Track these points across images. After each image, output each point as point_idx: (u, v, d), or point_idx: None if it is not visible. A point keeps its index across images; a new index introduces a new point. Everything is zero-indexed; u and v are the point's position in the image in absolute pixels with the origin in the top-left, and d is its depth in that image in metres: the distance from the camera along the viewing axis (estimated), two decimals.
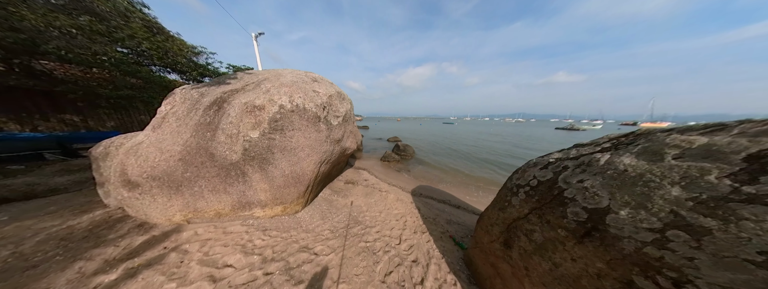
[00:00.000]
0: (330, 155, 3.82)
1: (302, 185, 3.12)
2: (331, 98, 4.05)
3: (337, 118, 4.18)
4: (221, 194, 2.47)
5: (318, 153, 3.31)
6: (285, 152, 2.81)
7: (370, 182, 5.75)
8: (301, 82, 3.49)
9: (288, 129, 2.82)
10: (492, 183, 6.58)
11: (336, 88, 4.57)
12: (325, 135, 3.52)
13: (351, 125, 5.14)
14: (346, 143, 4.73)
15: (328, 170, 4.39)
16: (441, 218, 3.89)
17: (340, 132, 4.16)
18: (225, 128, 2.38)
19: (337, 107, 4.23)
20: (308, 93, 3.36)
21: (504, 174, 7.69)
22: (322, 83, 4.16)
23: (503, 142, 16.67)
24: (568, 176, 1.40)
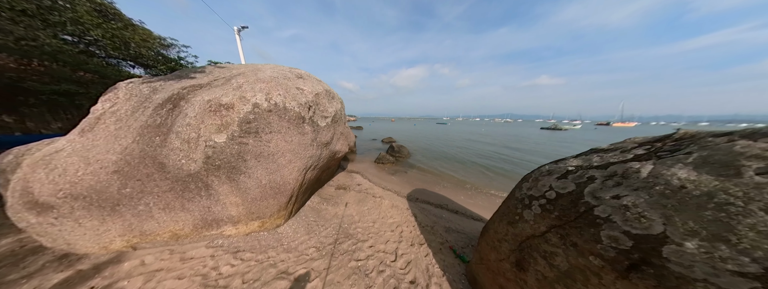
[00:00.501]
0: (317, 160, 3.43)
1: (283, 195, 2.71)
2: (319, 97, 3.66)
3: (326, 118, 3.80)
4: (178, 211, 2.01)
5: (302, 158, 2.92)
6: (261, 159, 2.40)
7: (364, 187, 5.40)
8: (283, 78, 3.08)
9: (265, 131, 2.41)
10: (489, 186, 6.49)
11: (324, 86, 4.18)
12: (311, 138, 3.13)
13: (342, 126, 4.76)
14: (336, 146, 4.35)
15: (317, 176, 3.99)
16: (439, 226, 3.64)
17: (328, 134, 3.78)
18: (180, 131, 1.93)
19: (326, 107, 3.85)
20: (290, 90, 2.96)
21: (499, 176, 7.66)
22: (309, 80, 3.76)
23: (494, 143, 16.99)
24: (597, 189, 1.16)
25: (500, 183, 6.64)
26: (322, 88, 3.91)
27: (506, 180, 6.98)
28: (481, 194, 5.73)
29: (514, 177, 7.23)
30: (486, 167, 8.61)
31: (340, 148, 4.70)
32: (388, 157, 8.82)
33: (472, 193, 5.74)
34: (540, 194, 1.50)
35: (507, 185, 6.43)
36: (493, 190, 6.04)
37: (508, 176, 7.37)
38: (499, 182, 6.82)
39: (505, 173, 7.88)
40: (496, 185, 6.43)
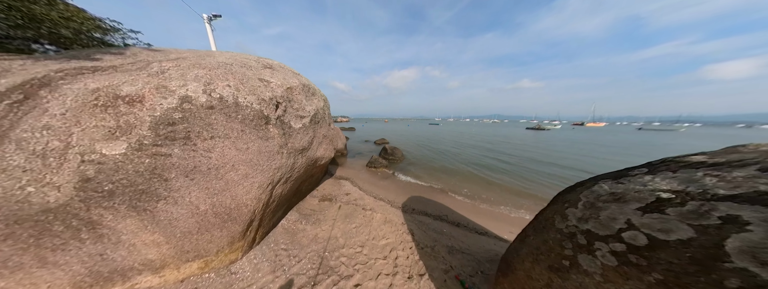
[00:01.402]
0: (290, 171, 2.73)
1: (238, 222, 2.00)
2: (292, 92, 2.97)
3: (302, 119, 3.11)
4: (32, 269, 1.24)
5: (266, 171, 2.22)
6: (197, 176, 1.68)
7: (353, 197, 4.73)
8: (239, 66, 2.37)
9: (202, 137, 1.70)
10: (488, 190, 6.10)
11: (301, 80, 3.49)
12: (279, 144, 2.44)
13: (325, 128, 4.08)
14: (317, 152, 3.66)
15: (294, 189, 3.27)
16: (440, 245, 3.08)
17: (305, 138, 3.10)
18: (26, 139, 1.18)
19: (302, 105, 3.17)
20: (248, 82, 2.25)
21: (500, 177, 7.33)
22: (279, 72, 3.06)
23: (488, 144, 17.04)
24: (762, 247, 0.63)
25: (501, 188, 6.28)
26: (297, 82, 3.23)
27: (507, 184, 6.66)
28: (482, 200, 5.30)
29: (516, 180, 6.95)
30: (484, 170, 8.29)
31: (324, 153, 4.01)
32: (380, 160, 8.22)
33: (473, 199, 5.30)
34: (610, 234, 0.97)
35: (508, 190, 6.09)
36: (493, 195, 5.65)
37: (508, 180, 7.07)
38: (500, 186, 6.47)
39: (505, 175, 7.58)
40: (497, 190, 6.06)
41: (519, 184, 6.57)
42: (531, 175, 7.57)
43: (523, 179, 7.13)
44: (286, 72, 3.29)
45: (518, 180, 6.93)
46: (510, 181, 6.85)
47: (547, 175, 7.60)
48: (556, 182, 6.87)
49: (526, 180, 6.98)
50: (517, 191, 5.93)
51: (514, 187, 6.30)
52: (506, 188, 6.17)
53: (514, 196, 5.55)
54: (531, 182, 6.73)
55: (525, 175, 7.59)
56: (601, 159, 10.91)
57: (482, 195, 5.60)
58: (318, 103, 3.83)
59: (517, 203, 5.13)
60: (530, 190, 6.05)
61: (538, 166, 8.82)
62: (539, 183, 6.69)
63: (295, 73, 3.53)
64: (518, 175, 7.56)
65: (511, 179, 7.01)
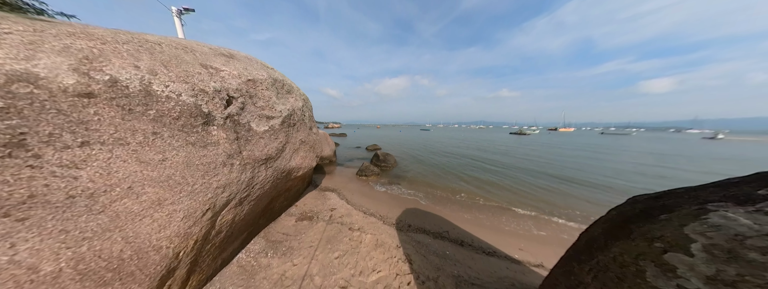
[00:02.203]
0: (245, 189, 2.03)
1: (142, 279, 1.25)
2: (256, 86, 2.36)
3: (269, 120, 2.47)
4: None
5: (200, 192, 1.53)
6: (38, 211, 0.97)
7: (338, 213, 4.01)
8: (172, 47, 1.73)
9: (60, 143, 1.02)
10: (487, 198, 5.68)
11: (272, 74, 2.88)
12: (227, 152, 1.77)
13: (304, 132, 3.44)
14: (291, 161, 2.98)
15: (255, 211, 2.52)
16: (446, 275, 2.46)
17: (272, 145, 2.44)
18: None
19: (270, 103, 2.54)
20: (180, 65, 1.62)
21: (492, 185, 6.99)
22: (241, 62, 2.44)
23: (478, 148, 17.20)
24: None
25: (500, 196, 5.90)
26: (264, 75, 2.62)
27: (506, 191, 6.30)
28: (481, 210, 4.83)
29: (515, 184, 6.62)
30: (480, 175, 7.97)
31: (301, 163, 3.33)
32: (372, 167, 7.57)
33: (472, 210, 4.80)
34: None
35: (508, 198, 5.71)
36: (493, 204, 5.23)
37: (507, 184, 6.75)
38: (499, 194, 6.09)
39: (501, 179, 7.28)
40: (496, 198, 5.66)
41: (518, 189, 6.26)
42: (528, 178, 7.37)
43: (521, 182, 6.87)
44: (252, 63, 2.68)
45: (516, 184, 6.64)
46: (509, 185, 6.53)
47: (546, 177, 7.45)
48: (558, 185, 6.67)
49: (524, 184, 6.71)
50: (517, 199, 5.57)
51: (513, 193, 5.95)
52: (505, 195, 5.80)
53: (516, 204, 5.17)
54: (530, 186, 6.46)
55: (522, 178, 7.37)
56: (592, 159, 11.24)
57: (481, 204, 5.15)
58: (295, 102, 3.22)
59: (518, 212, 4.73)
60: (531, 195, 5.73)
61: (534, 167, 8.74)
62: (539, 187, 6.44)
63: (264, 66, 2.93)
64: (515, 178, 7.31)
65: (510, 183, 6.70)
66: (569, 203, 5.22)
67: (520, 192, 5.99)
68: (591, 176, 7.76)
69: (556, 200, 5.39)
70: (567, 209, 4.86)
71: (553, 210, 4.79)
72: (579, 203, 5.20)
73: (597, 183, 6.94)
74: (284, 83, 3.12)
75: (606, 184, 6.89)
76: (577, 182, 7.04)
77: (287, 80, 3.30)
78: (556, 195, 5.81)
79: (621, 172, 8.68)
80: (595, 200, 5.45)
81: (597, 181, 7.21)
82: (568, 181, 7.09)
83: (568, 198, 5.57)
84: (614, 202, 5.12)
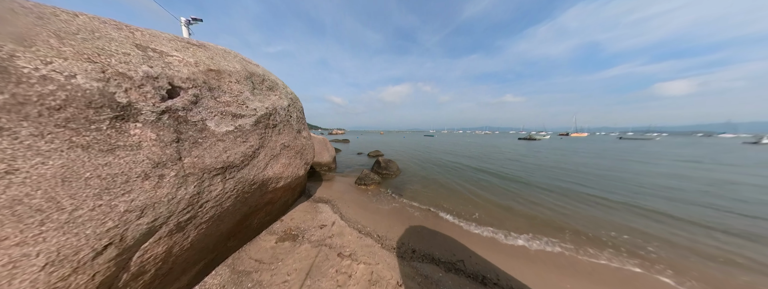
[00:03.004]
0: (184, 210, 1.48)
1: None
2: (221, 78, 1.90)
3: (237, 119, 1.99)
4: None
5: (85, 224, 0.99)
6: None
7: (329, 232, 3.36)
8: (80, 17, 1.31)
9: None
10: (505, 211, 4.85)
11: (250, 68, 2.44)
12: (153, 158, 1.26)
13: (287, 136, 2.94)
14: (267, 170, 2.44)
15: (213, 235, 1.95)
16: None
17: (236, 149, 1.92)
18: None
19: (241, 99, 2.07)
20: (91, 41, 1.17)
21: (509, 196, 6.12)
22: (207, 51, 2.03)
23: (487, 154, 16.20)
24: None
25: (518, 211, 5.04)
26: (237, 68, 2.18)
27: (526, 203, 5.42)
28: (500, 227, 4.01)
29: (533, 199, 5.75)
30: (495, 186, 7.10)
31: (281, 172, 2.78)
32: (372, 175, 6.93)
33: (489, 228, 4.00)
34: None
35: (530, 215, 4.85)
36: (513, 219, 4.38)
37: (526, 194, 5.87)
38: (517, 208, 5.23)
39: (520, 189, 6.39)
40: (516, 212, 4.81)
41: (548, 206, 5.36)
42: (552, 191, 6.44)
43: (544, 197, 5.95)
44: (228, 55, 2.27)
45: (540, 200, 5.74)
46: (534, 200, 5.64)
47: (568, 190, 6.50)
48: (583, 204, 5.72)
49: (547, 200, 5.80)
50: (549, 217, 4.70)
51: (542, 209, 5.07)
52: (533, 212, 4.92)
53: (548, 225, 4.30)
54: (557, 201, 5.55)
55: (544, 190, 6.44)
56: (621, 170, 10.03)
57: (500, 221, 4.32)
58: (277, 101, 2.77)
59: (547, 231, 3.87)
60: (564, 213, 4.84)
61: (554, 175, 7.76)
62: (568, 202, 5.52)
63: (243, 60, 2.52)
64: (539, 192, 6.40)
65: (535, 197, 5.81)
66: (621, 227, 4.29)
67: (551, 210, 5.09)
68: (634, 195, 6.71)
69: (600, 217, 4.48)
70: (621, 233, 3.94)
71: (600, 232, 3.90)
72: (641, 233, 4.26)
73: (651, 207, 5.91)
74: (265, 79, 2.69)
75: (667, 210, 5.84)
76: (616, 202, 6.04)
77: (271, 76, 2.88)
78: (596, 211, 4.89)
79: (673, 190, 6.66)
80: (658, 231, 4.48)
81: (649, 203, 6.16)
82: (603, 199, 6.10)
83: (612, 216, 4.63)
84: (698, 240, 4.15)
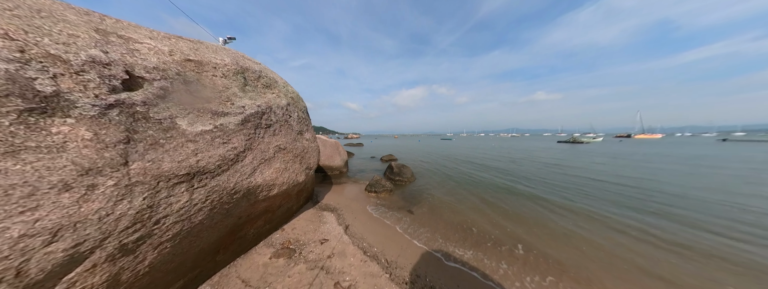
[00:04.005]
0: (131, 228, 1.16)
1: None
2: (203, 70, 1.66)
3: (218, 117, 1.70)
4: None
5: None
6: None
7: (328, 250, 2.89)
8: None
9: None
10: (557, 238, 3.74)
11: (244, 63, 2.21)
12: (85, 162, 0.96)
13: (284, 138, 2.63)
14: (255, 176, 2.11)
15: (185, 253, 1.63)
16: None
17: (211, 151, 1.61)
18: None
19: (228, 94, 1.81)
20: (27, 19, 0.95)
21: (561, 215, 4.85)
22: (192, 43, 1.84)
23: (518, 159, 14.16)
24: None
25: (578, 236, 3.84)
26: (226, 61, 1.95)
27: (585, 223, 4.14)
28: (554, 264, 2.98)
29: (597, 210, 4.41)
30: (537, 198, 5.83)
31: (274, 178, 2.44)
32: (384, 182, 6.38)
33: (539, 261, 3.01)
34: None
35: (596, 244, 3.63)
36: (570, 251, 3.26)
37: (580, 211, 4.55)
38: (573, 231, 4.01)
39: (572, 203, 5.04)
40: (575, 241, 3.64)
41: (611, 221, 4.03)
42: (628, 224, 4.93)
43: (615, 228, 4.53)
44: (218, 50, 2.08)
45: (599, 213, 4.36)
46: (586, 211, 4.32)
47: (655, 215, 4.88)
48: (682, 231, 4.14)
49: (620, 233, 4.38)
50: (617, 246, 3.44)
51: (601, 228, 3.80)
52: (586, 236, 3.71)
53: (620, 256, 3.10)
54: (635, 218, 4.13)
55: (616, 219, 4.96)
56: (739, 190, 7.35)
57: (553, 250, 3.25)
58: (274, 99, 2.50)
59: (635, 277, 2.69)
60: (637, 237, 3.51)
61: (627, 195, 5.99)
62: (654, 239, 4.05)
63: (238, 55, 2.33)
64: (604, 220, 4.96)
65: (589, 207, 4.46)
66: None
67: (607, 227, 3.78)
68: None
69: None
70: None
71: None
72: None
73: None
74: (262, 76, 2.45)
75: None
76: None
77: (269, 74, 2.66)
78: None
79: None
80: None
81: None
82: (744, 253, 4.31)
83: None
84: None
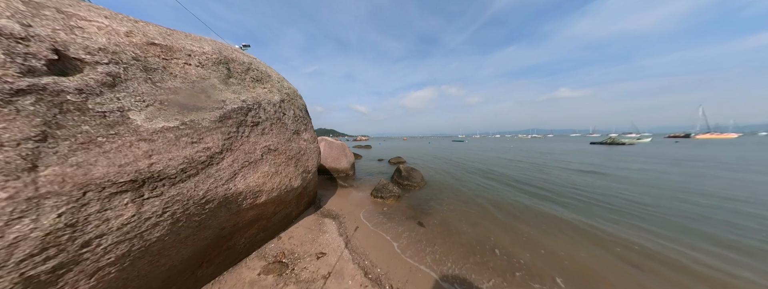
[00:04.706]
0: (34, 256, 0.87)
1: None
2: (172, 56, 1.43)
3: (188, 112, 1.44)
4: None
5: None
6: None
7: (325, 266, 2.49)
8: None
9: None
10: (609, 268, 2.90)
11: (229, 54, 1.94)
12: None
13: (275, 137, 2.33)
14: (236, 182, 1.81)
15: (151, 274, 1.34)
16: None
17: (173, 153, 1.31)
18: None
19: (205, 87, 1.54)
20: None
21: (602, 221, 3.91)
22: (163, 30, 1.62)
23: (546, 163, 12.73)
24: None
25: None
26: (207, 49, 1.70)
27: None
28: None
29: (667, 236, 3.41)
30: (578, 212, 4.90)
31: (261, 183, 2.13)
32: (391, 187, 5.91)
33: None
34: None
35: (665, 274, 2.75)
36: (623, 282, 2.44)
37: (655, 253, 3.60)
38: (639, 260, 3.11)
39: (622, 220, 4.07)
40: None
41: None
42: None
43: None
44: (199, 39, 1.85)
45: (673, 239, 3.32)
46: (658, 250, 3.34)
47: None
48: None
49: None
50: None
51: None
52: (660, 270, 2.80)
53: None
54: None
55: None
56: None
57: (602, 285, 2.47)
58: (264, 94, 2.23)
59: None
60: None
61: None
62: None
63: (225, 46, 2.10)
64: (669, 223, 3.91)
65: (664, 242, 3.46)
66: None
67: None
68: None
69: None
70: None
71: None
72: None
73: None
74: (251, 69, 2.19)
75: None
76: None
77: (261, 67, 2.40)
78: None
79: None
80: None
81: None
82: None
83: None
84: None
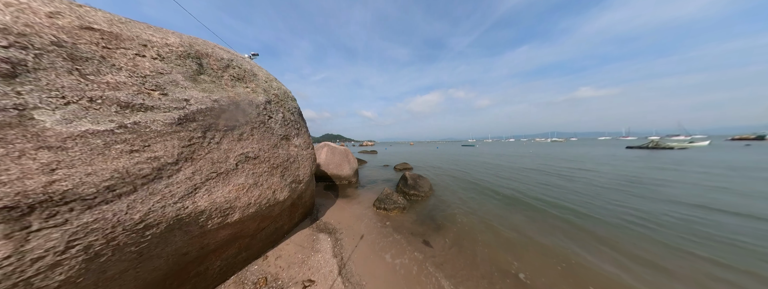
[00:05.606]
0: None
1: None
2: (120, 45, 1.25)
3: (132, 113, 1.22)
4: None
5: None
6: None
7: None
8: None
9: None
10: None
11: (205, 49, 1.74)
12: None
13: (257, 143, 2.04)
14: (198, 199, 1.50)
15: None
16: None
17: (103, 164, 1.02)
18: None
19: (158, 82, 1.30)
20: None
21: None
22: (90, 12, 1.42)
23: (583, 170, 11.42)
24: None
25: None
26: (173, 41, 1.50)
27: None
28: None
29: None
30: (614, 223, 4.03)
31: (233, 199, 1.82)
32: (395, 197, 5.40)
33: None
34: None
35: None
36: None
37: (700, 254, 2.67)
38: None
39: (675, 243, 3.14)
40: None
41: None
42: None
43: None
44: (163, 31, 1.66)
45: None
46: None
47: None
48: None
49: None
50: None
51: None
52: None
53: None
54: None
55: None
56: None
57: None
58: (245, 95, 1.98)
59: None
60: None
61: None
62: None
63: (200, 41, 1.91)
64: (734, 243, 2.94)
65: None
66: None
67: None
68: None
69: None
70: None
71: None
72: None
73: None
74: (232, 66, 1.97)
75: None
76: None
77: (244, 64, 2.18)
78: None
79: None
80: None
81: None
82: None
83: None
84: None
